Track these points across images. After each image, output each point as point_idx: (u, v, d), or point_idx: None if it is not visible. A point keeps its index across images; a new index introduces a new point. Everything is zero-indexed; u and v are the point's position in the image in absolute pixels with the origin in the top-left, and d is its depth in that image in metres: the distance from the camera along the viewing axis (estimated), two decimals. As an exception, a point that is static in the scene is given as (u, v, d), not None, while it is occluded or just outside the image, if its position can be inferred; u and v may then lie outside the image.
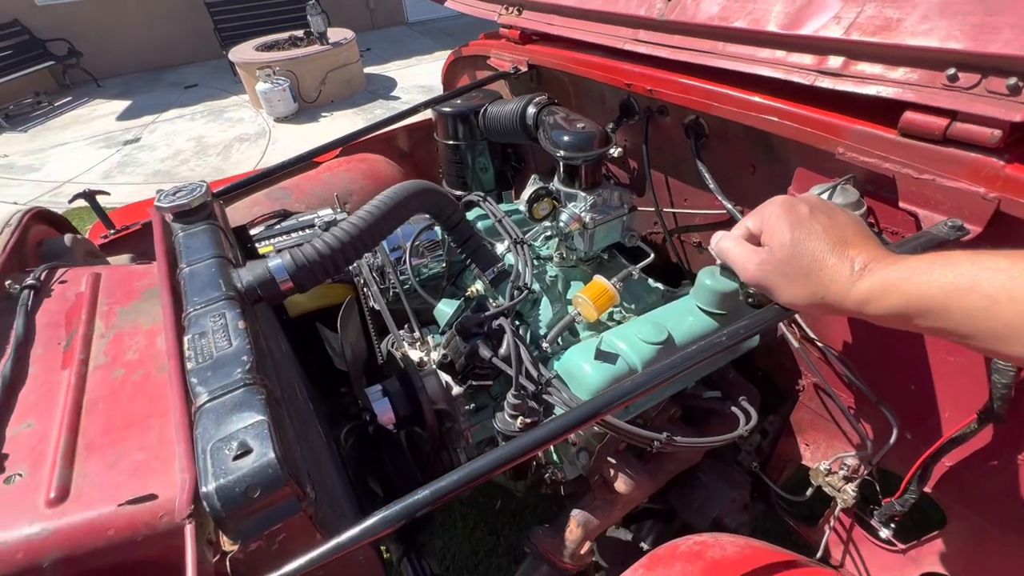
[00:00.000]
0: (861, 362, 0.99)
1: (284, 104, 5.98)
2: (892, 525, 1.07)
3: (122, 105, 7.16)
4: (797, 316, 1.04)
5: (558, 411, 1.06)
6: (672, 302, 1.14)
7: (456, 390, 1.14)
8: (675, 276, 1.48)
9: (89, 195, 1.44)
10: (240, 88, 6.91)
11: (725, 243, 0.67)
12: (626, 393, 0.63)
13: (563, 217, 1.14)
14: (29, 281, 0.87)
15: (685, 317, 1.08)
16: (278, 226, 1.46)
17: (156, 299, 0.89)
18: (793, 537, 1.33)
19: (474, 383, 1.11)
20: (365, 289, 1.33)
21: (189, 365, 0.62)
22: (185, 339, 0.66)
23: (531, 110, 1.28)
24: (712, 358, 0.66)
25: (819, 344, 1.02)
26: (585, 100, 1.51)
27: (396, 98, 6.54)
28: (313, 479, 0.61)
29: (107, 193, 1.49)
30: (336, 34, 6.52)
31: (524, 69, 1.54)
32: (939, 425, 0.91)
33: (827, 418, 1.11)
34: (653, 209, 1.40)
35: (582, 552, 1.04)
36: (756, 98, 0.96)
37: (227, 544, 0.51)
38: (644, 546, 1.28)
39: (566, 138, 1.12)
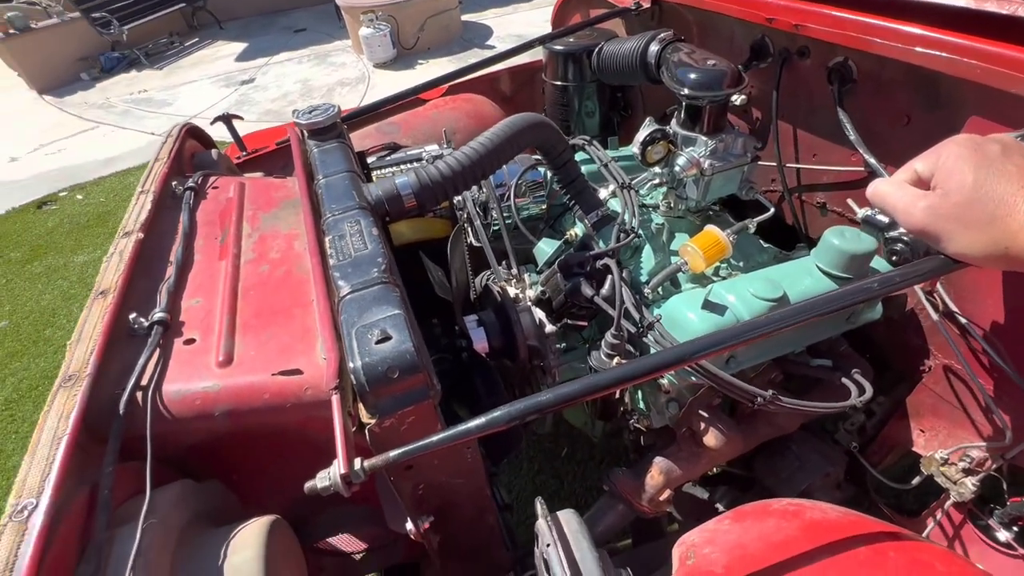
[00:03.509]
0: (1010, 344, 0.88)
1: (384, 49, 6.12)
2: (1015, 528, 0.97)
3: (240, 47, 7.67)
4: (940, 287, 0.93)
5: (653, 358, 1.05)
6: (790, 262, 1.06)
7: (549, 328, 1.16)
8: (788, 240, 1.38)
9: (227, 119, 1.58)
10: (344, 33, 7.13)
11: (884, 186, 0.60)
12: (731, 338, 0.60)
13: (680, 161, 1.09)
14: (189, 184, 0.98)
15: (802, 278, 1.01)
16: (388, 158, 1.52)
17: (292, 208, 0.97)
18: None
19: (569, 322, 1.12)
20: (466, 224, 1.36)
21: (331, 262, 0.68)
22: (326, 239, 0.72)
23: (654, 47, 1.21)
24: (849, 307, 0.61)
25: (962, 320, 0.91)
26: (710, 40, 1.40)
27: (491, 47, 6.45)
28: (434, 377, 0.65)
29: (241, 118, 1.62)
30: (437, -21, 6.47)
31: (646, 5, 1.45)
32: (1104, 424, 0.80)
33: (953, 404, 1.01)
34: (775, 164, 1.30)
35: (661, 499, 1.05)
36: (932, 33, 0.83)
37: (365, 417, 0.57)
38: (719, 507, 1.27)
39: (693, 75, 1.05)
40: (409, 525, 0.68)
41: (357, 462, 0.51)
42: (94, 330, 0.62)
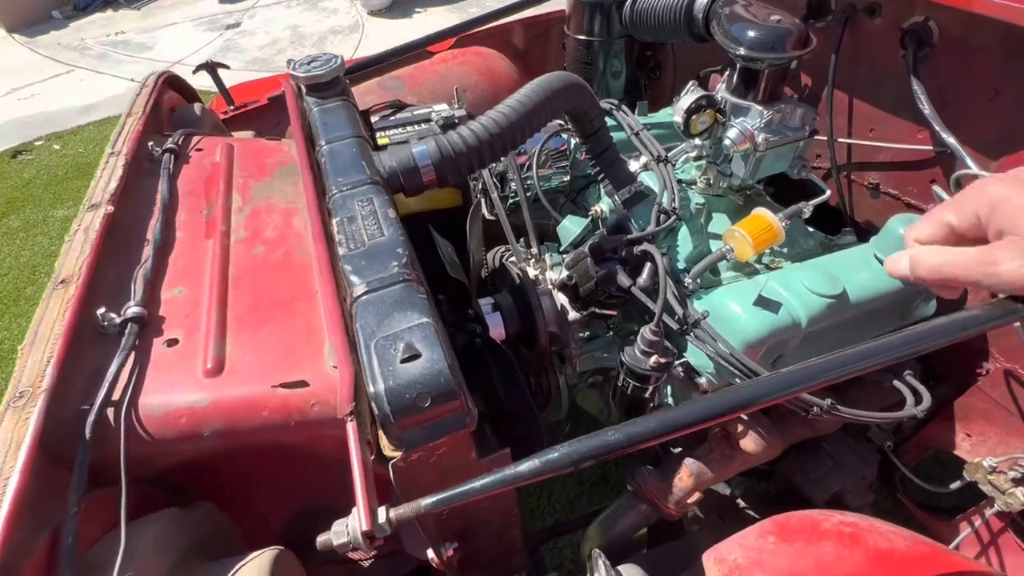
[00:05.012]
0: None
1: (379, -6, 5.72)
2: (1062, 541, 0.92)
3: (224, -13, 7.15)
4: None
5: (691, 352, 0.96)
6: (844, 251, 0.96)
7: (572, 315, 1.06)
8: (829, 223, 1.27)
9: (211, 67, 1.41)
10: (336, -25, 6.66)
11: (934, 258, 0.46)
12: (841, 366, 0.50)
13: (731, 134, 0.96)
14: (169, 145, 0.84)
15: (860, 270, 0.91)
16: (393, 118, 1.37)
17: (288, 177, 0.84)
18: (914, 525, 1.21)
19: (597, 311, 1.02)
20: (481, 196, 1.23)
21: (340, 251, 0.57)
22: (333, 221, 0.60)
23: (702, -1, 1.06)
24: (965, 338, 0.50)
25: (1041, 325, 0.83)
26: (761, -7, 1.24)
27: (494, -5, 6.07)
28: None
29: (227, 67, 1.45)
30: (437, -84, 5.99)
31: (689, -52, 1.27)
32: None
33: (1011, 411, 0.94)
34: (824, 138, 1.17)
35: (689, 502, 0.99)
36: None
37: (388, 449, 0.47)
38: (740, 503, 1.22)
39: (752, 33, 0.91)
40: (431, 553, 0.60)
41: (381, 512, 0.41)
42: (52, 330, 0.51)
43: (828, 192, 0.99)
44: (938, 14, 0.91)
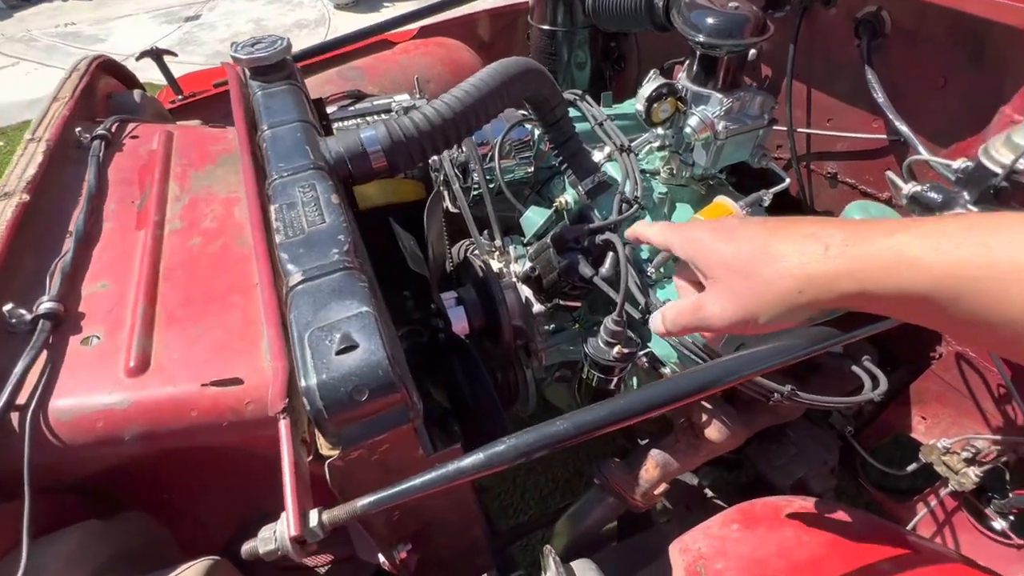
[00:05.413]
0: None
1: (346, -13, 5.60)
2: (1011, 517, 0.95)
3: (183, -22, 6.88)
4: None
5: (654, 342, 0.95)
6: (803, 238, 0.97)
7: (537, 308, 1.04)
8: (794, 214, 1.28)
9: (157, 54, 1.33)
10: (301, -33, 6.48)
11: (672, 311, 0.46)
12: (798, 348, 0.50)
13: (691, 122, 0.96)
14: (99, 131, 0.78)
15: (818, 257, 0.91)
16: (352, 108, 1.33)
17: (231, 166, 0.79)
18: (874, 508, 1.23)
19: (561, 302, 1.00)
20: (443, 188, 1.20)
21: (278, 238, 0.53)
22: (272, 208, 0.57)
23: (662, -14, 1.05)
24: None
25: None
26: (719, -16, 1.24)
27: (464, -9, 6.00)
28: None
29: (174, 54, 1.37)
30: (405, -91, 5.90)
31: (650, -62, 1.26)
32: None
33: (963, 393, 0.96)
34: (783, 128, 1.18)
35: (655, 493, 0.98)
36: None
37: (325, 448, 0.44)
38: (708, 492, 1.22)
39: (710, 20, 0.90)
40: (383, 557, 0.57)
41: (313, 515, 0.38)
42: (-52, 329, 0.46)
43: (787, 180, 0.99)
44: (890, 4, 0.92)
